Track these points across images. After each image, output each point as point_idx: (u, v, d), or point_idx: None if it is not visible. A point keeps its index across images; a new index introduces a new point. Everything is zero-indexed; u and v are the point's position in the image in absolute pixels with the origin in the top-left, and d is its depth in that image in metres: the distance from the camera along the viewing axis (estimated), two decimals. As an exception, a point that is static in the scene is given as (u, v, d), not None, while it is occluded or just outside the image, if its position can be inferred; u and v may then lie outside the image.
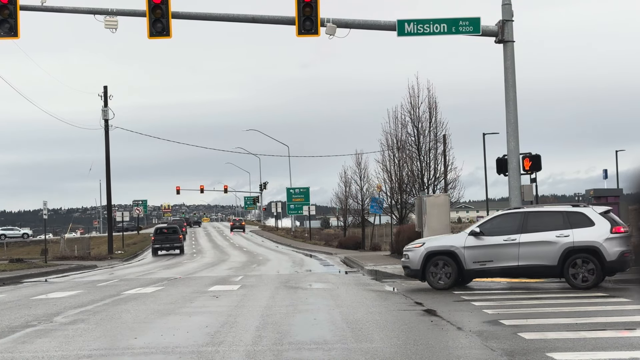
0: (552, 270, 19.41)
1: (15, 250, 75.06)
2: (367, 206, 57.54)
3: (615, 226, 19.08)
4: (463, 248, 20.10)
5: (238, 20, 25.27)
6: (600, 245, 18.92)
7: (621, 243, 18.96)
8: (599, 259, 18.89)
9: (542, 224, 19.71)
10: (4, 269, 36.77)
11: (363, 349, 10.45)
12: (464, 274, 20.10)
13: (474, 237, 20.06)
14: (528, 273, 19.94)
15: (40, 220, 77.88)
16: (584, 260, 19.00)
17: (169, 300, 18.99)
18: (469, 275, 20.28)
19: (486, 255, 19.90)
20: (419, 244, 21.10)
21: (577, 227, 19.23)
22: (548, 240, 19.32)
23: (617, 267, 19.10)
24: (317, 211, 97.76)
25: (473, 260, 19.94)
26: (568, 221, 19.47)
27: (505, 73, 24.34)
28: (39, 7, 24.73)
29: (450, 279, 19.95)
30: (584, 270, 19.01)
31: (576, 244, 19.07)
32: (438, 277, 20.04)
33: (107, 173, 61.76)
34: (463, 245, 20.13)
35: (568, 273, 19.13)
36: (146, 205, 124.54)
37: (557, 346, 10.18)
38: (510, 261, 19.64)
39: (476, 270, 20.06)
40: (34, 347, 11.47)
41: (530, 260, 19.48)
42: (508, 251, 19.65)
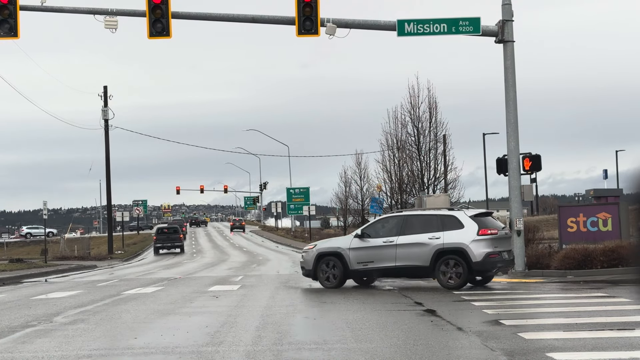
0: (426, 270, 20.26)
1: (15, 250, 75.10)
2: (367, 206, 57.55)
3: (482, 228, 19.80)
4: (348, 249, 21.18)
5: (238, 20, 25.27)
6: (466, 246, 19.65)
7: (487, 245, 19.72)
8: (465, 260, 19.62)
9: (419, 227, 20.55)
10: (4, 269, 36.78)
11: (363, 349, 10.45)
12: (350, 274, 21.24)
13: (359, 239, 21.14)
14: (404, 273, 20.95)
15: (40, 220, 77.89)
16: (453, 261, 19.80)
17: (169, 300, 18.99)
18: (354, 275, 21.43)
19: (368, 256, 20.91)
20: (312, 245, 22.59)
21: (448, 230, 20.04)
22: (421, 242, 20.18)
23: (483, 268, 19.94)
24: (317, 211, 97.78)
25: (357, 261, 20.99)
26: (441, 224, 20.27)
27: (505, 73, 24.33)
28: (39, 7, 24.73)
29: (337, 279, 21.16)
30: (452, 270, 19.82)
31: (445, 245, 19.88)
32: (327, 276, 21.29)
33: (107, 173, 61.77)
34: (349, 246, 21.23)
35: (439, 273, 19.93)
36: (146, 205, 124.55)
37: (557, 346, 10.18)
38: (389, 262, 20.60)
39: (360, 271, 21.17)
40: (34, 347, 11.47)
41: (406, 261, 20.39)
42: (387, 252, 20.60)
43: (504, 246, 20.41)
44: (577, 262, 21.60)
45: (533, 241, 25.38)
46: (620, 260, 21.08)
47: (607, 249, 21.56)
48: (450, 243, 19.89)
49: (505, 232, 20.85)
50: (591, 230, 24.36)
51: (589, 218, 24.50)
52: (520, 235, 23.66)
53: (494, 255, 19.74)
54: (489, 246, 19.76)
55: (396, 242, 20.56)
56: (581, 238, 23.86)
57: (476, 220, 20.09)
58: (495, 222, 20.97)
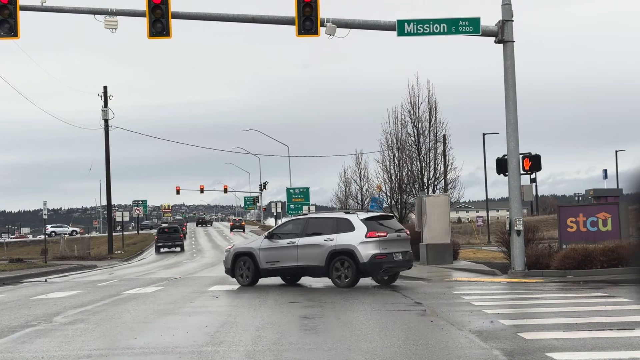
0: (322, 270, 21.54)
1: (15, 250, 75.08)
2: (367, 206, 57.51)
3: (370, 231, 20.97)
4: (259, 250, 22.74)
5: (238, 20, 25.26)
6: (355, 248, 20.89)
7: (375, 246, 20.89)
8: (354, 261, 20.90)
9: (318, 229, 21.94)
10: (4, 269, 36.78)
11: (363, 349, 10.45)
12: (261, 273, 22.70)
13: (269, 240, 22.69)
14: (304, 272, 22.34)
15: (40, 220, 77.86)
16: (344, 262, 21.11)
17: (169, 300, 19.00)
18: (264, 274, 22.75)
19: (275, 256, 22.39)
20: (231, 246, 24.50)
21: (341, 232, 21.33)
22: (318, 244, 21.53)
23: (369, 268, 21.01)
24: (317, 211, 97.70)
25: (266, 260, 22.52)
26: (336, 226, 21.58)
27: (505, 73, 24.32)
28: (39, 7, 24.72)
29: (250, 278, 22.73)
30: (344, 270, 21.14)
31: (338, 247, 21.19)
32: (241, 274, 22.91)
33: (107, 173, 61.77)
34: (259, 247, 22.79)
35: (333, 272, 21.30)
36: (146, 205, 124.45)
37: (557, 346, 10.18)
38: (291, 262, 22.04)
39: (268, 270, 22.61)
40: (34, 347, 11.47)
41: (306, 261, 21.77)
42: (290, 253, 22.05)
43: (396, 248, 21.33)
44: (577, 262, 21.59)
45: (533, 241, 25.35)
46: (620, 260, 21.08)
47: (607, 249, 21.56)
48: (341, 244, 21.15)
49: (398, 234, 21.63)
50: (591, 230, 24.35)
51: (589, 218, 24.50)
52: (520, 235, 23.66)
53: (380, 257, 20.83)
54: (377, 248, 20.86)
55: (297, 243, 21.95)
56: (581, 238, 23.85)
57: (366, 223, 21.20)
58: (393, 225, 21.96)
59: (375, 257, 20.81)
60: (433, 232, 30.36)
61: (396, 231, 21.70)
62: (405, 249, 21.85)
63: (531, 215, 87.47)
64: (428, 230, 30.39)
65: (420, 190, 40.75)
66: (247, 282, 22.76)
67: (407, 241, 22.15)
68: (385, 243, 21.02)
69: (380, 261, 20.88)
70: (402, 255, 21.47)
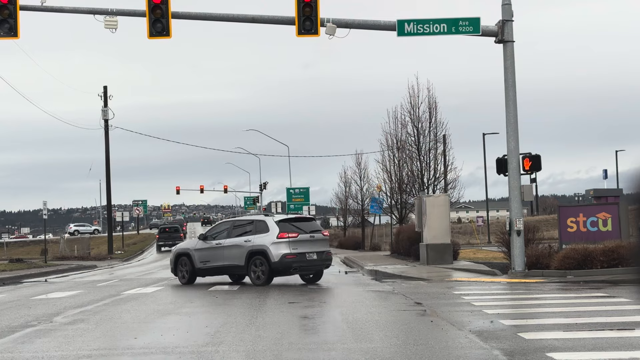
0: (242, 269, 23.14)
1: (15, 250, 75.08)
2: (367, 206, 57.54)
3: (282, 232, 22.51)
4: (194, 250, 24.39)
5: (238, 20, 25.25)
6: (267, 248, 22.46)
7: (286, 247, 22.43)
8: (267, 260, 22.45)
9: (241, 231, 23.54)
10: (4, 269, 36.77)
11: (363, 349, 10.44)
12: (196, 272, 24.35)
13: (203, 241, 24.37)
14: (229, 271, 23.97)
15: (40, 220, 77.85)
16: (259, 261, 22.64)
17: (169, 300, 19.00)
18: (199, 273, 24.39)
19: (207, 256, 24.04)
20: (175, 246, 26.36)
21: (258, 234, 22.90)
22: (239, 244, 23.15)
23: (280, 267, 22.50)
24: (317, 211, 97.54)
25: (200, 260, 24.18)
26: (255, 228, 23.20)
27: (505, 73, 24.32)
28: (39, 7, 24.72)
29: (187, 276, 24.41)
30: (259, 269, 22.67)
31: (254, 247, 22.77)
32: (182, 273, 24.64)
33: (107, 173, 61.75)
34: (195, 247, 24.42)
35: (251, 271, 22.83)
36: (146, 205, 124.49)
37: (557, 346, 10.18)
38: (219, 261, 23.63)
39: (202, 269, 24.24)
40: (33, 347, 11.47)
41: (230, 260, 23.35)
42: (218, 253, 23.68)
43: (310, 248, 22.76)
44: (577, 262, 21.59)
45: (533, 241, 25.35)
46: (620, 260, 21.08)
47: (607, 249, 21.55)
48: (257, 245, 22.73)
49: (312, 236, 22.98)
50: (591, 230, 24.35)
51: (589, 218, 24.49)
52: (520, 235, 23.65)
53: (291, 256, 22.36)
54: (287, 248, 22.40)
55: (223, 244, 23.60)
56: (581, 238, 23.85)
57: (279, 224, 22.77)
58: (307, 227, 23.32)
59: (286, 256, 22.36)
60: (433, 232, 30.35)
61: (310, 232, 23.02)
62: (322, 249, 23.18)
63: (531, 215, 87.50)
64: (428, 230, 30.39)
65: (420, 190, 40.73)
66: (185, 281, 24.49)
67: (323, 242, 23.40)
68: (296, 243, 22.49)
69: (291, 260, 22.36)
70: (316, 255, 22.84)
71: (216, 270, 24.01)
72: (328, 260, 23.62)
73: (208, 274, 24.38)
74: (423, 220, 30.73)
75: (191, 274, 24.43)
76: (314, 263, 22.96)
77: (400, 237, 37.61)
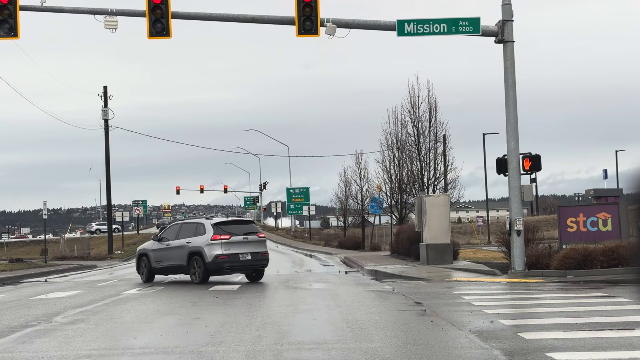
0: (185, 269, 24.84)
1: (15, 250, 75.09)
2: (367, 206, 57.51)
3: (215, 234, 24.05)
4: (151, 250, 26.33)
5: (238, 20, 25.25)
6: (202, 249, 24.07)
7: (218, 248, 23.89)
8: (202, 260, 24.05)
9: (185, 233, 25.20)
10: (4, 269, 36.76)
11: (363, 349, 10.44)
12: (153, 271, 26.17)
13: (157, 242, 26.17)
14: (175, 271, 25.54)
15: (40, 220, 77.85)
16: (197, 261, 24.29)
17: (169, 300, 19.00)
18: (155, 272, 26.19)
19: (160, 256, 25.83)
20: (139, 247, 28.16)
21: (197, 235, 24.52)
22: (182, 245, 24.90)
23: (213, 267, 24.08)
24: (317, 211, 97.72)
25: (155, 260, 26.02)
26: (195, 230, 24.83)
27: (505, 73, 24.32)
28: (39, 7, 24.72)
29: (146, 274, 26.28)
30: (197, 268, 24.32)
31: (193, 248, 24.42)
32: (142, 272, 26.46)
33: (107, 173, 61.73)
34: (151, 248, 26.36)
35: (190, 270, 24.58)
36: (146, 205, 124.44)
37: (557, 346, 10.18)
38: (169, 261, 25.41)
39: (157, 268, 26.03)
40: (33, 347, 11.47)
41: (175, 260, 25.10)
42: (167, 253, 25.45)
43: (243, 249, 24.21)
44: (577, 262, 21.59)
45: (533, 241, 25.34)
46: (620, 260, 21.08)
47: (607, 249, 21.55)
48: (195, 246, 24.33)
49: (245, 237, 24.35)
50: (591, 230, 24.35)
51: (589, 218, 24.49)
52: (520, 235, 23.65)
53: (222, 257, 23.85)
54: (219, 249, 23.88)
55: (171, 245, 25.39)
56: (581, 238, 23.85)
57: (215, 227, 24.25)
58: (242, 229, 24.68)
59: (218, 257, 23.89)
60: (433, 232, 30.35)
61: (244, 234, 24.41)
62: (256, 250, 24.49)
63: (531, 215, 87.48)
64: (428, 230, 30.39)
65: (420, 190, 40.72)
66: (145, 278, 26.37)
67: (258, 243, 24.71)
68: (228, 245, 23.97)
69: (222, 261, 23.91)
70: (251, 255, 24.31)
71: (167, 270, 25.74)
72: (263, 261, 24.81)
73: (162, 272, 26.11)
74: (423, 220, 30.73)
75: (149, 273, 26.30)
76: (248, 263, 24.37)
77: (400, 237, 37.59)
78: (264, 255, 24.75)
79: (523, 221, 24.08)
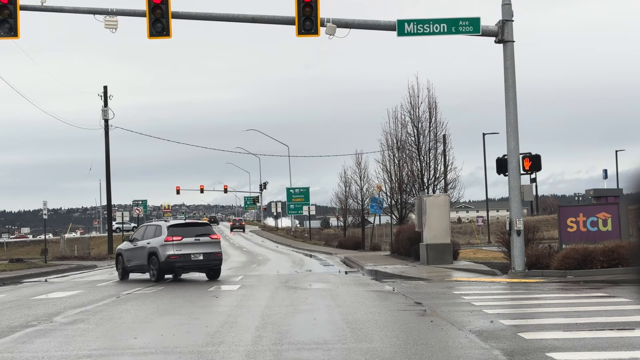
0: (146, 268, 26.73)
1: (15, 250, 75.13)
2: (367, 206, 57.50)
3: (168, 235, 25.77)
4: (124, 250, 28.37)
5: (238, 20, 25.25)
6: (157, 249, 25.85)
7: (170, 249, 25.63)
8: (158, 260, 25.78)
9: (148, 234, 27.11)
10: (4, 269, 36.76)
11: (363, 349, 10.44)
12: (126, 269, 28.10)
13: (129, 242, 28.17)
14: (140, 269, 27.31)
15: (40, 220, 77.85)
16: (153, 261, 26.13)
17: (169, 300, 19.00)
18: (128, 270, 28.10)
19: (129, 256, 27.84)
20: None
21: (156, 237, 26.32)
22: (144, 246, 26.74)
23: (166, 266, 25.86)
24: (317, 211, 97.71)
25: (126, 259, 28.03)
26: (155, 232, 26.70)
27: (505, 73, 24.32)
28: (39, 7, 24.72)
29: (121, 273, 28.37)
30: (154, 267, 26.08)
31: (151, 248, 26.28)
32: (118, 270, 28.77)
33: (107, 173, 61.73)
34: (124, 248, 28.42)
35: (150, 270, 26.42)
36: (146, 205, 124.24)
37: (557, 346, 10.18)
38: (136, 260, 27.37)
39: (128, 267, 28.01)
40: (33, 347, 11.47)
41: (139, 260, 27.01)
42: (135, 253, 27.42)
43: (195, 250, 25.83)
44: (577, 262, 21.59)
45: (533, 241, 25.34)
46: (620, 260, 21.07)
47: (607, 249, 21.55)
48: (153, 247, 26.15)
49: (197, 239, 25.93)
50: (591, 230, 24.34)
51: (589, 218, 24.49)
52: (520, 235, 23.66)
53: (174, 257, 25.57)
54: (171, 250, 25.58)
55: (137, 246, 27.31)
56: (581, 238, 23.84)
57: (170, 229, 26.07)
58: (195, 232, 26.28)
59: (170, 257, 25.58)
60: (433, 232, 30.36)
61: (195, 236, 26.00)
62: (209, 250, 26.06)
63: (531, 215, 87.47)
64: (428, 230, 30.39)
65: (420, 190, 40.72)
66: (120, 277, 28.39)
67: (211, 244, 26.21)
68: (180, 246, 25.63)
69: (174, 260, 25.62)
70: (203, 255, 25.91)
71: (135, 268, 27.64)
72: (215, 261, 26.37)
73: (132, 271, 27.99)
74: (423, 220, 30.73)
75: (123, 271, 28.32)
76: (200, 263, 26.06)
77: (400, 237, 37.60)
78: (217, 255, 26.30)
79: (523, 221, 24.08)
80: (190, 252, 25.71)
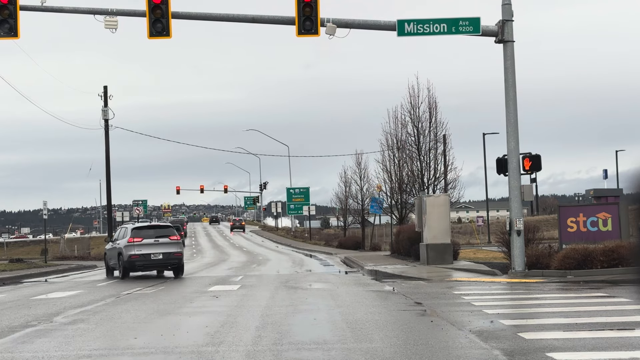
0: (118, 265, 28.85)
1: (15, 250, 75.12)
2: (367, 206, 57.50)
3: (130, 237, 28.21)
4: (107, 250, 31.08)
5: (238, 20, 25.25)
6: (122, 249, 28.26)
7: (132, 249, 27.94)
8: (122, 259, 28.20)
9: (121, 235, 29.54)
10: (4, 269, 36.76)
11: (363, 349, 10.44)
12: (109, 268, 30.66)
13: (111, 243, 30.67)
14: (115, 267, 29.61)
15: (40, 220, 77.83)
16: (120, 260, 28.43)
17: (169, 300, 18.99)
18: (110, 268, 30.43)
19: (110, 255, 30.39)
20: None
21: (124, 238, 28.70)
22: (115, 247, 29.21)
23: (128, 265, 28.19)
24: (317, 211, 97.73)
25: (108, 258, 30.78)
26: (124, 233, 29.22)
27: (505, 73, 24.31)
28: (39, 7, 24.71)
29: (106, 270, 31.13)
30: (120, 266, 28.46)
31: (119, 249, 28.58)
32: (105, 268, 31.15)
33: (107, 173, 61.67)
34: (108, 248, 30.99)
35: (120, 268, 28.52)
36: (146, 205, 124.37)
37: (557, 346, 10.18)
38: (113, 259, 29.72)
39: (110, 265, 30.47)
40: (34, 347, 11.47)
41: (114, 259, 29.46)
42: (112, 252, 29.92)
43: (155, 250, 28.09)
44: (577, 262, 21.59)
45: (533, 241, 25.33)
46: (620, 260, 21.07)
47: (607, 249, 21.55)
48: (120, 247, 28.52)
49: (156, 240, 28.24)
50: (591, 230, 24.34)
51: (589, 218, 24.48)
52: (520, 235, 23.65)
53: (135, 256, 27.95)
54: (132, 250, 27.97)
55: (113, 246, 29.77)
56: (581, 238, 23.83)
57: (133, 231, 28.50)
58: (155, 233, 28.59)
59: (131, 256, 27.96)
60: (433, 232, 30.35)
61: (155, 237, 28.32)
62: (169, 250, 28.27)
63: (531, 215, 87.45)
64: (428, 230, 30.39)
65: (420, 190, 40.71)
66: (106, 274, 30.96)
67: (171, 245, 28.43)
68: (140, 247, 27.97)
69: (135, 260, 27.99)
70: (162, 255, 28.17)
71: (114, 266, 29.77)
72: (174, 260, 28.57)
73: (114, 268, 29.98)
74: (423, 220, 30.73)
75: (107, 269, 31.14)
76: (159, 262, 28.41)
77: (400, 237, 37.59)
78: (176, 255, 28.53)
79: (523, 221, 24.08)
80: (150, 252, 28.04)
